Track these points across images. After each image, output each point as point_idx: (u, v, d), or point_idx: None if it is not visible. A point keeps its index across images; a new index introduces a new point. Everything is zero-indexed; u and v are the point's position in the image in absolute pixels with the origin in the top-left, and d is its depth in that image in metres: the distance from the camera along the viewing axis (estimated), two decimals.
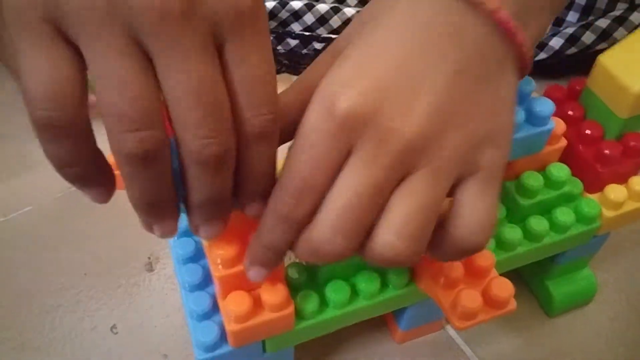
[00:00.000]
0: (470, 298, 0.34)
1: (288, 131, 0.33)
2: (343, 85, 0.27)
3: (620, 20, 0.61)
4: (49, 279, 0.52)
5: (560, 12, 0.55)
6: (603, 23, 0.62)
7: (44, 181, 0.59)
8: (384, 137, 0.27)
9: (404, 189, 0.27)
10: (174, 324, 0.49)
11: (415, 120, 0.27)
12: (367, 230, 0.28)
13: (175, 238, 0.37)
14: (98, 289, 0.51)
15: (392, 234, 0.27)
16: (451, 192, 0.29)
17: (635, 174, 0.42)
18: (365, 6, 0.31)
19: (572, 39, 0.62)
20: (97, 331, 0.49)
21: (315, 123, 0.27)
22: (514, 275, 0.38)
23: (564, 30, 0.63)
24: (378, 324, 0.48)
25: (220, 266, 0.32)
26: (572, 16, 0.65)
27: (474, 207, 0.29)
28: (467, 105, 0.28)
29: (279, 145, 0.34)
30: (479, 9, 0.27)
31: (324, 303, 0.36)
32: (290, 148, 0.28)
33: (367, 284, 0.36)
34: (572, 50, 0.62)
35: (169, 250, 0.53)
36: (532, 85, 0.37)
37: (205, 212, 0.27)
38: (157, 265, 0.53)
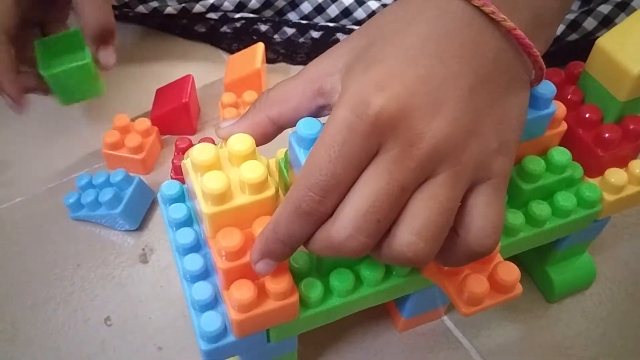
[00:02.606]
0: (477, 283, 0.34)
1: (290, 117, 0.33)
2: (377, 88, 0.28)
3: (622, 6, 0.61)
4: (41, 271, 0.51)
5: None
6: (605, 9, 0.61)
7: (35, 172, 0.59)
8: (412, 140, 0.28)
9: (426, 191, 0.28)
10: (168, 316, 0.48)
11: (441, 125, 0.28)
12: (387, 229, 0.29)
13: (174, 228, 0.36)
14: (91, 280, 0.50)
15: (414, 234, 0.28)
16: (462, 197, 0.30)
17: (635, 157, 0.42)
18: (386, 8, 0.32)
19: (573, 25, 0.62)
20: (91, 323, 0.48)
21: (347, 121, 0.28)
22: (513, 262, 0.38)
23: (565, 16, 0.63)
24: (378, 316, 0.48)
25: (224, 258, 0.32)
26: (573, 4, 0.65)
27: (486, 212, 0.30)
28: (485, 114, 0.29)
29: (280, 132, 0.34)
30: (498, 25, 0.29)
31: (328, 291, 0.36)
32: (316, 143, 0.29)
33: (371, 271, 0.36)
34: (573, 36, 0.62)
35: (164, 242, 0.52)
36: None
37: None
38: (151, 257, 0.52)
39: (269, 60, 0.68)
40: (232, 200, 0.31)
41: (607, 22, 0.61)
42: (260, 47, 0.63)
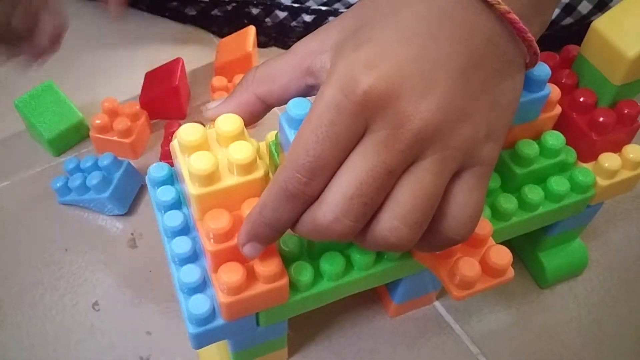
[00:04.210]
0: (469, 266, 0.33)
1: (278, 95, 0.32)
2: (366, 67, 0.27)
3: None
4: (29, 256, 0.50)
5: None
6: None
7: (21, 156, 0.58)
8: (400, 121, 0.27)
9: (412, 176, 0.28)
10: (157, 301, 0.48)
11: (431, 107, 0.27)
12: (373, 212, 0.28)
13: (162, 211, 0.36)
14: (80, 265, 0.50)
15: (398, 219, 0.28)
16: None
17: (629, 142, 0.41)
18: None
19: (568, 9, 0.61)
20: (79, 308, 0.47)
21: (335, 100, 0.27)
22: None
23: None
24: (369, 301, 0.48)
25: (212, 240, 0.31)
26: None
27: (466, 201, 0.29)
28: (477, 98, 0.28)
29: (268, 111, 0.34)
30: (493, 8, 0.28)
31: (318, 275, 0.35)
32: (303, 124, 0.28)
33: (362, 255, 0.35)
34: (568, 20, 0.61)
35: (153, 227, 0.52)
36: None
37: None
38: (140, 241, 0.51)
39: (261, 45, 0.68)
40: (220, 181, 0.31)
41: (602, 6, 0.60)
42: (251, 30, 0.63)
